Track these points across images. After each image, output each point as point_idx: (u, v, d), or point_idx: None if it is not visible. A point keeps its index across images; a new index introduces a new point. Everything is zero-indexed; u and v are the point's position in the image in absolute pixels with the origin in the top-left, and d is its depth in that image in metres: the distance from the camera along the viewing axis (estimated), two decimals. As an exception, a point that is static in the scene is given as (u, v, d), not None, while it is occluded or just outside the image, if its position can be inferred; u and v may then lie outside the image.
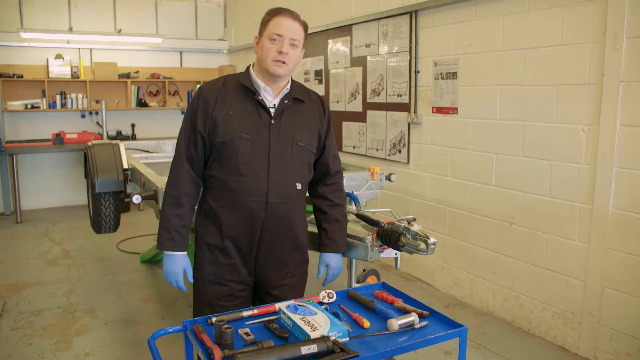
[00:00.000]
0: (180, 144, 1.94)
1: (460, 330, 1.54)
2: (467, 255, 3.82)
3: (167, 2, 7.43)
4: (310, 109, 2.03)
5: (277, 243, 1.97)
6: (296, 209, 1.99)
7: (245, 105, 1.91)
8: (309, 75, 5.68)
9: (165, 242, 1.92)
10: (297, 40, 1.89)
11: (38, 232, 5.87)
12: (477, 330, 3.41)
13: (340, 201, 2.14)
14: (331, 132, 2.11)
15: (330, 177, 2.12)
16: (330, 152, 2.10)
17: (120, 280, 4.34)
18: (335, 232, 2.09)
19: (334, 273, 2.13)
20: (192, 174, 1.94)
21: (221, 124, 1.88)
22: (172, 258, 1.94)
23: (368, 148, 4.80)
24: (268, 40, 1.87)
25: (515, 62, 3.30)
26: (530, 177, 3.27)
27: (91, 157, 3.82)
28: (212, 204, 1.94)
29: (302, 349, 1.33)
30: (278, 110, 1.93)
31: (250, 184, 1.87)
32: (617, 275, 2.83)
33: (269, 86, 1.92)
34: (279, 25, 1.86)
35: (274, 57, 1.86)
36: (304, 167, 1.99)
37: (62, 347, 3.20)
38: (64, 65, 6.73)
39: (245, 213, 1.89)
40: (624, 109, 2.73)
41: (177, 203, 1.92)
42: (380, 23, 4.47)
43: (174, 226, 1.91)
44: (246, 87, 1.92)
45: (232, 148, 1.87)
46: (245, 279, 1.98)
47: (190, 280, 2.00)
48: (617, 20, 2.71)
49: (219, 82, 1.96)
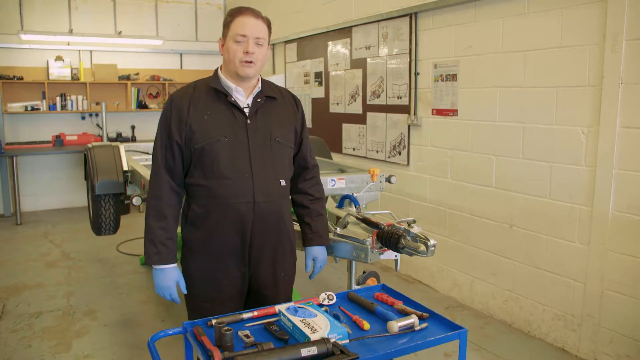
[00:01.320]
0: (157, 155, 1.92)
1: (460, 333, 1.54)
2: (467, 257, 3.82)
3: (167, 4, 7.44)
4: (283, 106, 2.02)
5: (268, 244, 1.96)
6: (283, 207, 1.99)
7: (219, 109, 1.89)
8: (309, 77, 5.68)
9: (152, 257, 1.88)
10: (262, 39, 1.88)
11: (38, 234, 5.87)
12: (477, 332, 3.40)
13: (320, 195, 2.16)
14: (305, 126, 2.11)
15: (309, 171, 2.13)
16: (307, 146, 2.12)
17: (120, 282, 4.34)
18: (319, 225, 2.11)
19: (321, 265, 2.16)
20: (172, 184, 1.91)
21: (197, 130, 1.86)
22: (162, 272, 1.91)
23: (368, 150, 4.80)
24: (233, 42, 1.87)
25: (515, 64, 3.31)
26: (530, 179, 3.27)
27: (91, 159, 3.82)
28: (198, 211, 1.91)
29: (302, 351, 1.33)
30: (252, 110, 1.92)
31: (236, 186, 1.86)
32: (618, 277, 2.83)
33: (240, 86, 1.91)
34: (242, 26, 1.85)
35: (241, 58, 1.85)
36: (284, 163, 1.99)
37: (62, 349, 3.20)
38: (64, 67, 6.73)
39: (234, 216, 1.87)
40: (624, 111, 2.73)
41: (160, 216, 1.89)
42: (380, 25, 4.48)
43: (159, 239, 1.88)
44: (218, 90, 1.91)
45: (212, 152, 1.85)
46: (239, 282, 1.97)
47: (184, 291, 1.98)
48: (617, 22, 2.71)
49: (189, 88, 1.95)
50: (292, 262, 2.10)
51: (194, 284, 1.97)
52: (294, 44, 5.95)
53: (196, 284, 1.97)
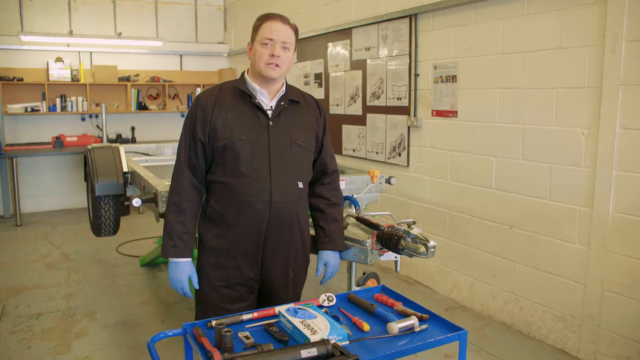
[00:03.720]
0: (181, 152, 1.98)
1: (460, 334, 1.54)
2: (467, 258, 3.81)
3: (167, 5, 7.44)
4: (306, 110, 2.07)
5: (282, 244, 1.99)
6: (299, 209, 2.01)
7: (243, 109, 1.95)
8: (309, 79, 5.69)
9: (169, 250, 1.93)
10: (289, 43, 1.95)
11: (38, 235, 5.87)
12: (477, 333, 3.40)
13: (338, 200, 2.18)
14: (327, 131, 2.16)
15: (328, 176, 2.16)
16: (327, 151, 2.15)
17: (119, 284, 4.33)
18: (334, 230, 2.12)
19: (332, 271, 2.15)
20: (194, 181, 1.97)
21: (221, 129, 1.92)
22: (177, 265, 1.95)
23: (368, 151, 4.80)
24: (260, 45, 1.92)
25: (514, 65, 3.31)
26: (530, 180, 3.27)
27: (91, 160, 3.82)
28: (217, 208, 1.96)
29: (301, 353, 1.33)
30: (275, 112, 1.97)
31: (253, 185, 1.91)
32: (617, 279, 2.83)
33: (265, 89, 1.97)
34: (270, 30, 1.92)
35: (267, 61, 1.91)
36: (304, 166, 2.03)
37: (61, 350, 3.20)
38: (64, 69, 6.74)
39: (250, 214, 1.91)
40: (624, 112, 2.73)
41: (179, 210, 1.94)
42: (380, 26, 4.48)
43: (177, 233, 1.93)
44: (243, 92, 1.96)
45: (234, 151, 1.91)
46: (251, 281, 2.00)
47: (196, 286, 2.01)
48: (617, 23, 2.71)
49: (216, 89, 2.02)
50: (303, 265, 2.11)
51: (207, 279, 2.00)
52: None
53: (208, 280, 1.99)
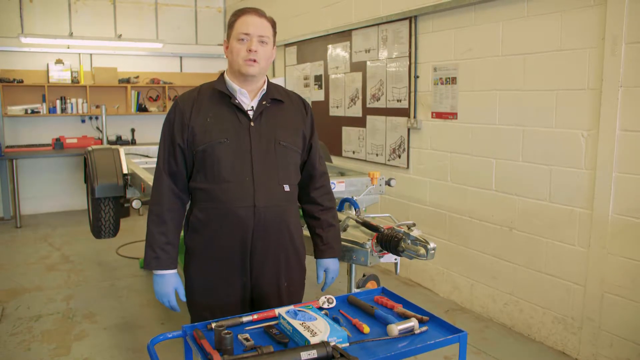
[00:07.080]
0: (160, 159, 1.89)
1: (460, 336, 1.54)
2: (467, 260, 3.81)
3: (167, 7, 7.45)
4: (291, 109, 1.97)
5: (270, 251, 1.90)
6: (288, 213, 1.92)
7: (222, 111, 1.86)
8: (309, 81, 5.69)
9: (151, 262, 1.85)
10: (266, 37, 1.84)
11: (37, 237, 5.86)
12: (477, 335, 3.40)
13: (331, 204, 2.09)
14: (315, 132, 2.06)
15: (318, 179, 2.06)
16: (316, 153, 2.06)
17: (119, 286, 4.33)
18: (331, 237, 2.05)
19: (333, 276, 2.11)
20: (175, 189, 1.88)
21: (199, 132, 1.83)
22: (161, 278, 1.87)
23: (368, 153, 4.80)
24: (236, 41, 1.83)
25: (514, 67, 3.31)
26: (530, 182, 3.27)
27: (91, 162, 3.82)
28: (199, 216, 1.87)
29: (301, 355, 1.33)
30: (256, 112, 1.87)
31: (236, 190, 1.82)
32: (618, 280, 2.83)
33: (245, 88, 1.87)
34: (245, 24, 1.82)
35: (244, 57, 1.81)
36: (289, 168, 1.93)
37: (61, 352, 3.19)
38: (64, 70, 6.74)
39: (233, 221, 1.82)
40: (623, 114, 2.73)
41: (160, 220, 1.86)
42: (379, 28, 4.49)
43: (159, 244, 1.84)
44: (222, 93, 1.87)
45: (214, 155, 1.82)
46: (238, 291, 1.91)
47: (183, 299, 1.93)
48: (616, 25, 2.71)
49: (194, 91, 1.92)
50: (298, 272, 2.01)
51: (195, 291, 1.94)
52: (294, 47, 5.95)
53: (196, 291, 1.93)
